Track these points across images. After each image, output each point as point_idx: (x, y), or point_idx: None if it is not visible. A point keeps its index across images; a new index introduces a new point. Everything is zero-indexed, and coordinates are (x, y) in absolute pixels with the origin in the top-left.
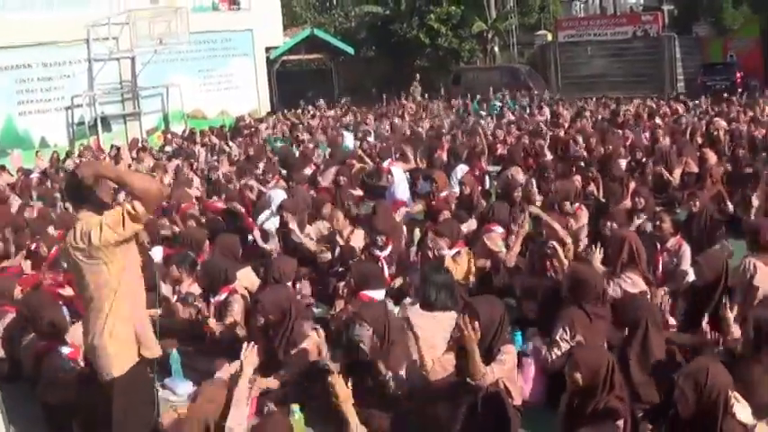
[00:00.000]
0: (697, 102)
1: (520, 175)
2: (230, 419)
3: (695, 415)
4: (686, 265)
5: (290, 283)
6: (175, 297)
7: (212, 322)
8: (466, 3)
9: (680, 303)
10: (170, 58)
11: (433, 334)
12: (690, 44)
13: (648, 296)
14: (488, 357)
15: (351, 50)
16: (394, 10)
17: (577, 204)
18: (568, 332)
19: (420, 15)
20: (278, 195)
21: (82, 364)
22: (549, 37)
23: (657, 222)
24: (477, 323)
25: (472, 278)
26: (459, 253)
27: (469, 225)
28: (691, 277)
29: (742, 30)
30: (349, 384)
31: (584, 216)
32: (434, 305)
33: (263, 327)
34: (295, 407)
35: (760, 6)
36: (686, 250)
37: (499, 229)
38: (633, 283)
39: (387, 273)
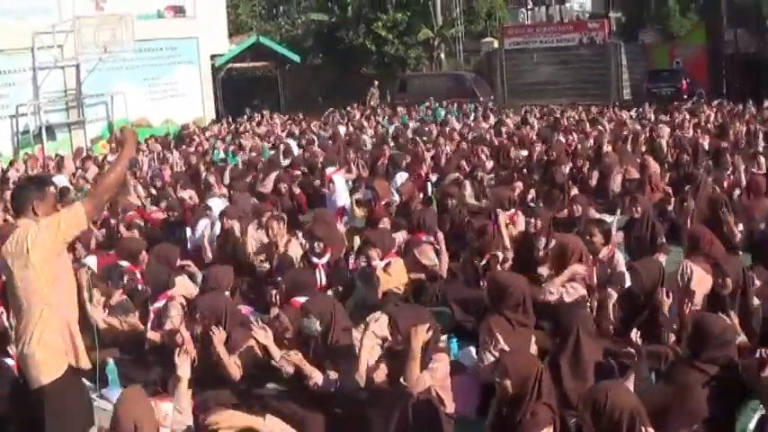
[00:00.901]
0: (641, 109)
1: (466, 184)
2: (173, 423)
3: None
4: (621, 269)
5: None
6: (106, 310)
7: (151, 333)
8: (413, 10)
9: (616, 309)
10: (115, 66)
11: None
12: (636, 51)
13: (588, 302)
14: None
15: (297, 58)
16: (340, 17)
17: (513, 210)
18: (490, 341)
19: (366, 23)
20: (216, 204)
21: None
22: (496, 44)
23: (588, 236)
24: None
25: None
26: (389, 263)
27: (404, 234)
28: (627, 283)
29: (688, 36)
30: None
31: (522, 222)
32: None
33: (201, 334)
34: None
35: (707, 12)
36: (619, 258)
37: (429, 238)
38: (575, 289)
39: (324, 280)
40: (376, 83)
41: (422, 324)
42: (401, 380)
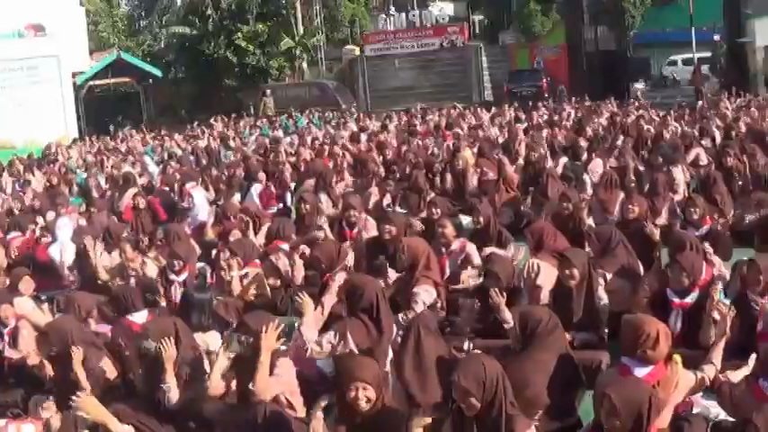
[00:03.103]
0: (499, 109)
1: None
2: None
3: (482, 408)
4: (475, 263)
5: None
6: None
7: (10, 352)
8: (274, 20)
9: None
10: None
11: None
12: (497, 52)
13: (438, 303)
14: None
15: (158, 73)
16: (201, 30)
17: (364, 216)
18: (336, 338)
19: (227, 34)
20: (64, 224)
21: None
22: (357, 51)
23: (440, 228)
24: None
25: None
26: (247, 274)
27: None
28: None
29: (548, 36)
30: None
31: (373, 228)
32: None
33: (55, 356)
34: None
35: (567, 11)
36: (471, 251)
37: (285, 247)
38: (426, 292)
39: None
40: (268, 92)
41: (269, 330)
42: (250, 386)
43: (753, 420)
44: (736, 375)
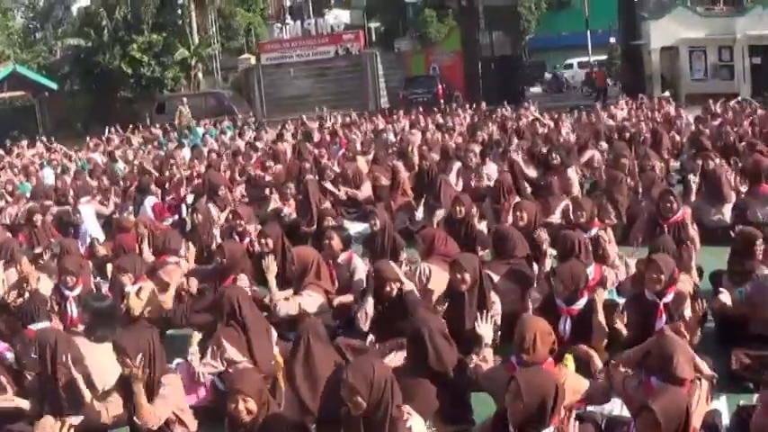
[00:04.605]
0: (394, 116)
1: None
2: None
3: (367, 408)
4: (360, 276)
5: None
6: None
7: None
8: (169, 30)
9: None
10: None
11: (102, 368)
12: (392, 59)
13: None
14: (150, 392)
15: (53, 85)
16: (96, 41)
17: (252, 227)
18: (217, 349)
19: (122, 45)
20: None
21: None
22: (253, 60)
23: (327, 240)
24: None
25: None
26: (141, 288)
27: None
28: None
29: (444, 42)
30: None
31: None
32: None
33: None
34: None
35: (463, 17)
36: (357, 262)
37: (173, 259)
38: (313, 300)
39: (75, 312)
40: (184, 100)
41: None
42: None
43: (649, 405)
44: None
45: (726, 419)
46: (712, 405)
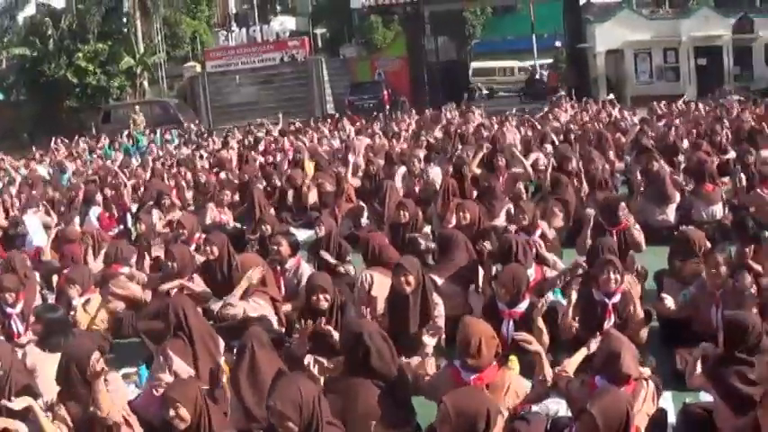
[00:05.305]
0: (341, 123)
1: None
2: None
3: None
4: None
5: None
6: None
7: None
8: (114, 39)
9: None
10: None
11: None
12: (338, 66)
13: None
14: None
15: None
16: (42, 51)
17: (197, 235)
18: (165, 362)
19: (68, 54)
20: None
21: None
22: (199, 68)
23: (274, 246)
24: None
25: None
26: (89, 300)
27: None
28: None
29: (390, 48)
30: None
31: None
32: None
33: None
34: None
35: (408, 23)
36: (305, 269)
37: (125, 270)
38: (260, 306)
39: (21, 329)
40: (137, 108)
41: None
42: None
43: (588, 409)
44: (573, 362)
45: (672, 418)
46: (659, 404)
